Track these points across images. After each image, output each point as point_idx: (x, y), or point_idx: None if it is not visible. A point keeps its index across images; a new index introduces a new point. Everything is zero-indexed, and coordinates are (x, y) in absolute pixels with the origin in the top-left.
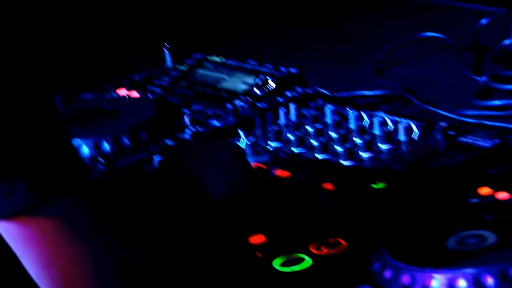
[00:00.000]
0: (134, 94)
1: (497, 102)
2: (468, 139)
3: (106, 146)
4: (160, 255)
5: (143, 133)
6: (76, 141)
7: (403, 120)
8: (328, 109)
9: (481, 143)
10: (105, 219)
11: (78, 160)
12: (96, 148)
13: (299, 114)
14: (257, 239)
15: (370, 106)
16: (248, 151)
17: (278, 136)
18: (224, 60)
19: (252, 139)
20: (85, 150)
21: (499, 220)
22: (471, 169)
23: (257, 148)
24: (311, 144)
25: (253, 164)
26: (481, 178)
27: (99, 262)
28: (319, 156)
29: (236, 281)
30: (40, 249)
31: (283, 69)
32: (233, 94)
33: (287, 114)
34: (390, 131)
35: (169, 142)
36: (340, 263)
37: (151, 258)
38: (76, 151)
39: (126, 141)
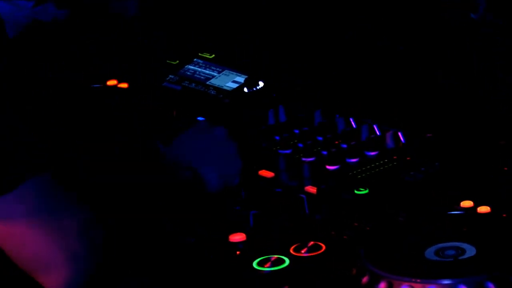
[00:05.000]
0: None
1: None
2: None
3: None
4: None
5: None
6: None
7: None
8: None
9: None
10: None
11: None
12: None
13: (287, 115)
14: (237, 237)
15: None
16: None
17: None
18: (214, 57)
19: None
20: None
21: (478, 233)
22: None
23: None
24: (297, 146)
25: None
26: (464, 191)
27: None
28: (304, 159)
29: (216, 277)
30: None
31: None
32: (221, 91)
33: (275, 114)
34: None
35: None
36: (318, 266)
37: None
38: None
39: None
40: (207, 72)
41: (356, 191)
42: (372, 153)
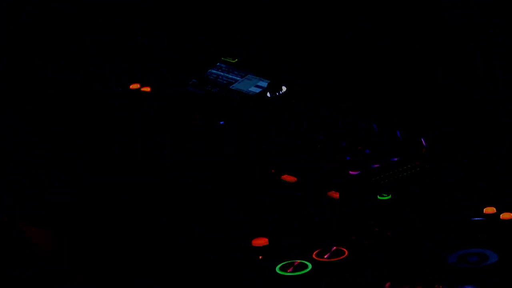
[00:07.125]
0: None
1: None
2: None
3: None
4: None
5: None
6: None
7: None
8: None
9: None
10: None
11: None
12: None
13: (309, 120)
14: (260, 242)
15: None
16: None
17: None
18: (237, 61)
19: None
20: None
21: (501, 239)
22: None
23: None
24: (319, 151)
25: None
26: (487, 198)
27: None
28: (327, 164)
29: (238, 281)
30: None
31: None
32: (244, 96)
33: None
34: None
35: None
36: (341, 272)
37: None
38: None
39: None
40: (230, 76)
41: (378, 197)
42: (395, 159)
